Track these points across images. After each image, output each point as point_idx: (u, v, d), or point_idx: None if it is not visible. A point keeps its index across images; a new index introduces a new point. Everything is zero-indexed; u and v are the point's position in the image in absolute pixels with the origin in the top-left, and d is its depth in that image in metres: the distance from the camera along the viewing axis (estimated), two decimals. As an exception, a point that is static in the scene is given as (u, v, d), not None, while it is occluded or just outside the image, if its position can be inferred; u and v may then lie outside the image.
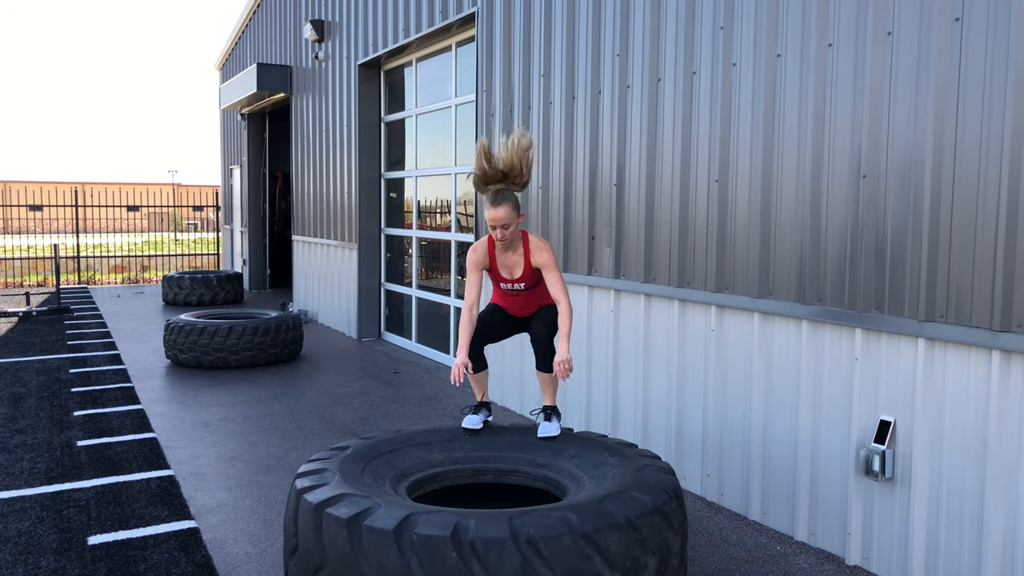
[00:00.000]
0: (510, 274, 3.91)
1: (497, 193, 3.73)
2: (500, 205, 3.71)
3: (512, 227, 3.75)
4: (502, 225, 3.73)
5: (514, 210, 3.73)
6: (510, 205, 3.71)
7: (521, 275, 3.88)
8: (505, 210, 3.70)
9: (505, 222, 3.72)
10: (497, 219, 3.72)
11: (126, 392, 7.24)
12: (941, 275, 3.40)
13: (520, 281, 3.89)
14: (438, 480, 3.55)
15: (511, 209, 3.71)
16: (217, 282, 13.63)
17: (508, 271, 3.92)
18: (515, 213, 3.73)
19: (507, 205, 3.71)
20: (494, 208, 3.71)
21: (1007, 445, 3.23)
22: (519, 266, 3.88)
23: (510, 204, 3.72)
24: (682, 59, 4.73)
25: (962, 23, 3.29)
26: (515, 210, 3.73)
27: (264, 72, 12.81)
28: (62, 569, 3.71)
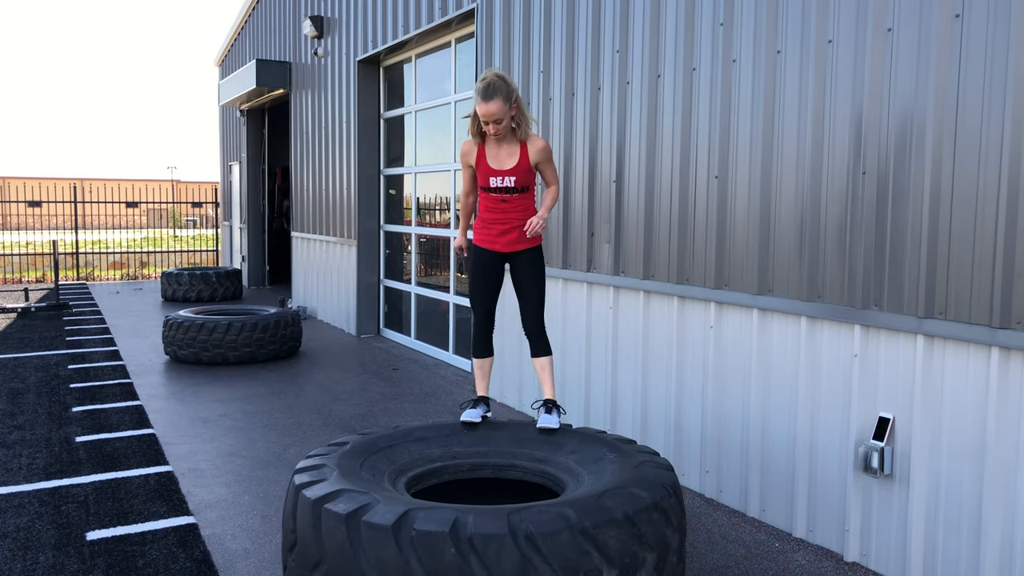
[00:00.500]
0: (500, 165, 3.77)
1: (487, 86, 3.62)
2: (491, 99, 3.60)
3: (505, 121, 3.65)
4: (494, 120, 3.63)
5: (506, 103, 3.62)
6: (501, 98, 3.60)
7: (514, 167, 3.74)
8: (496, 104, 3.60)
9: (497, 116, 3.62)
10: (489, 114, 3.62)
11: (125, 388, 7.24)
12: (940, 272, 3.40)
13: (511, 174, 3.73)
14: (437, 475, 3.55)
15: (502, 102, 3.60)
16: (216, 278, 13.62)
17: (499, 162, 3.78)
18: (507, 106, 3.62)
19: (498, 99, 3.60)
20: (485, 103, 3.61)
21: (1006, 442, 3.23)
22: (513, 156, 3.74)
23: (501, 96, 3.61)
24: (682, 55, 4.72)
25: (962, 20, 3.29)
26: (507, 102, 3.62)
27: (263, 68, 12.79)
28: (60, 564, 3.71)
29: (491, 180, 3.80)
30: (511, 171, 3.74)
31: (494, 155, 3.78)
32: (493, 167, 3.78)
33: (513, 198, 3.80)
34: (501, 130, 3.67)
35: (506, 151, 3.75)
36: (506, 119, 3.65)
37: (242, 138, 16.29)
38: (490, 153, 3.79)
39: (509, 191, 3.80)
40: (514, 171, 3.73)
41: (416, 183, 9.38)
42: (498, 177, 3.76)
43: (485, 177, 3.82)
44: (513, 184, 3.76)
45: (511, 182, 3.76)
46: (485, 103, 3.61)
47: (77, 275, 18.19)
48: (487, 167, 3.80)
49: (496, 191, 3.82)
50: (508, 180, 3.75)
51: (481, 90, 3.62)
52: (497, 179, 3.77)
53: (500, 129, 3.66)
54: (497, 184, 3.78)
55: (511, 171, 3.74)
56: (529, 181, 3.82)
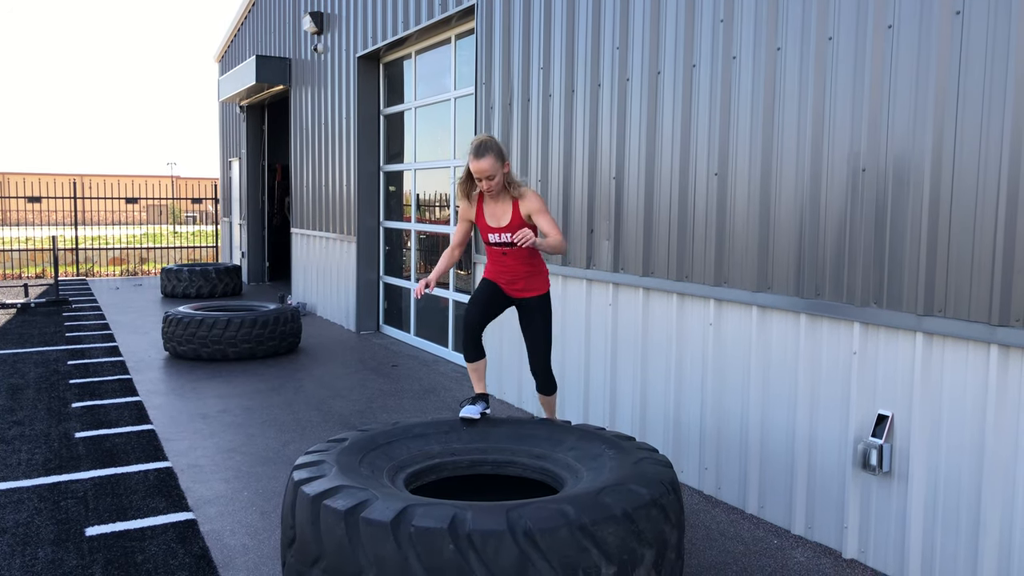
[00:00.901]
0: (497, 222, 3.91)
1: (480, 145, 3.77)
2: (483, 156, 3.75)
3: (497, 178, 3.79)
4: (487, 176, 3.77)
5: (498, 160, 3.76)
6: (492, 155, 3.75)
7: (508, 223, 3.87)
8: (488, 161, 3.74)
9: (489, 173, 3.76)
10: (481, 171, 3.76)
11: (124, 384, 7.24)
12: (940, 269, 3.40)
13: (507, 230, 3.88)
14: (436, 472, 3.55)
15: (494, 159, 3.75)
16: (216, 274, 13.62)
17: (496, 219, 3.92)
18: (499, 164, 3.77)
19: (490, 156, 3.75)
20: (477, 160, 3.75)
21: (1004, 439, 3.23)
22: (507, 214, 3.88)
23: (492, 154, 3.75)
24: (682, 52, 4.72)
25: (963, 17, 3.28)
26: (499, 160, 3.77)
27: (263, 64, 12.78)
28: (59, 560, 3.71)
29: (490, 236, 3.97)
30: (507, 228, 3.90)
31: (491, 213, 3.95)
32: (491, 224, 3.95)
33: (512, 251, 3.96)
34: (494, 186, 3.83)
35: (501, 208, 3.92)
36: (498, 175, 3.80)
37: (242, 134, 16.28)
38: (487, 211, 3.96)
39: (508, 245, 3.95)
40: (509, 227, 3.89)
41: (416, 179, 9.37)
42: (495, 233, 3.93)
43: (485, 233, 4.00)
44: (510, 239, 3.90)
45: (507, 237, 3.92)
46: (478, 160, 3.77)
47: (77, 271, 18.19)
48: (485, 224, 3.97)
49: (497, 245, 3.98)
50: (505, 236, 3.92)
51: (474, 148, 3.79)
52: (495, 235, 3.95)
53: (493, 185, 3.82)
54: (496, 240, 3.95)
55: (507, 228, 3.90)
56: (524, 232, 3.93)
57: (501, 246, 3.95)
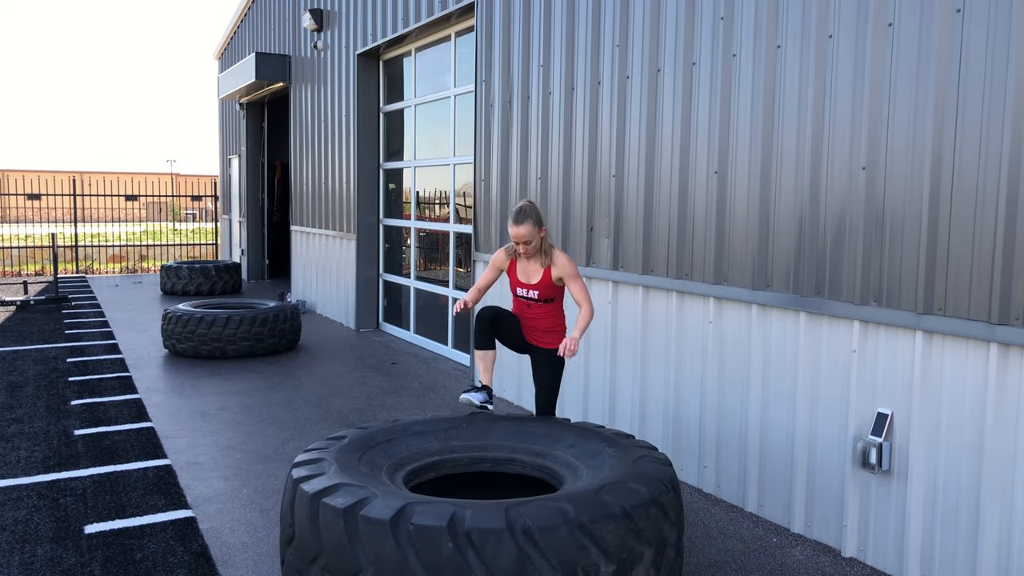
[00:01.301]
0: (527, 279, 4.15)
1: (519, 211, 4.03)
2: (522, 223, 4.01)
3: (534, 242, 4.04)
4: (524, 241, 4.03)
5: (535, 226, 4.02)
6: (531, 222, 4.01)
7: (538, 283, 4.12)
8: (527, 228, 4.00)
9: (527, 238, 4.02)
10: (519, 236, 4.02)
11: (123, 381, 7.24)
12: (939, 268, 3.39)
13: (535, 288, 4.12)
14: (435, 469, 3.55)
15: (532, 226, 4.01)
16: (215, 272, 13.61)
17: (526, 276, 4.15)
18: (536, 229, 4.03)
19: (528, 223, 4.00)
20: (516, 226, 4.02)
21: (1004, 438, 3.23)
22: (537, 274, 4.12)
23: (531, 221, 4.01)
24: (682, 50, 4.71)
25: (963, 14, 3.28)
26: (536, 226, 4.03)
27: (263, 61, 12.76)
28: (59, 558, 3.71)
29: (518, 290, 4.20)
30: (535, 286, 4.13)
31: (523, 269, 4.18)
32: (521, 280, 4.19)
33: (537, 305, 4.17)
34: (530, 250, 4.08)
35: (533, 268, 4.15)
36: (535, 240, 4.04)
37: (241, 131, 16.27)
38: (520, 266, 4.19)
39: (534, 300, 4.16)
40: (537, 287, 4.13)
41: (416, 177, 9.36)
42: (524, 289, 4.17)
43: (513, 286, 4.23)
44: (536, 296, 4.15)
45: (535, 295, 4.14)
46: (516, 226, 4.02)
47: (76, 268, 18.18)
48: (516, 279, 4.21)
49: (523, 299, 4.19)
50: (532, 293, 4.14)
51: (514, 215, 4.05)
52: (523, 291, 4.18)
53: (529, 250, 4.07)
54: (523, 294, 4.19)
55: (535, 286, 4.13)
56: (552, 294, 4.16)
57: (527, 300, 4.17)
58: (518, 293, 4.20)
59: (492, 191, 6.88)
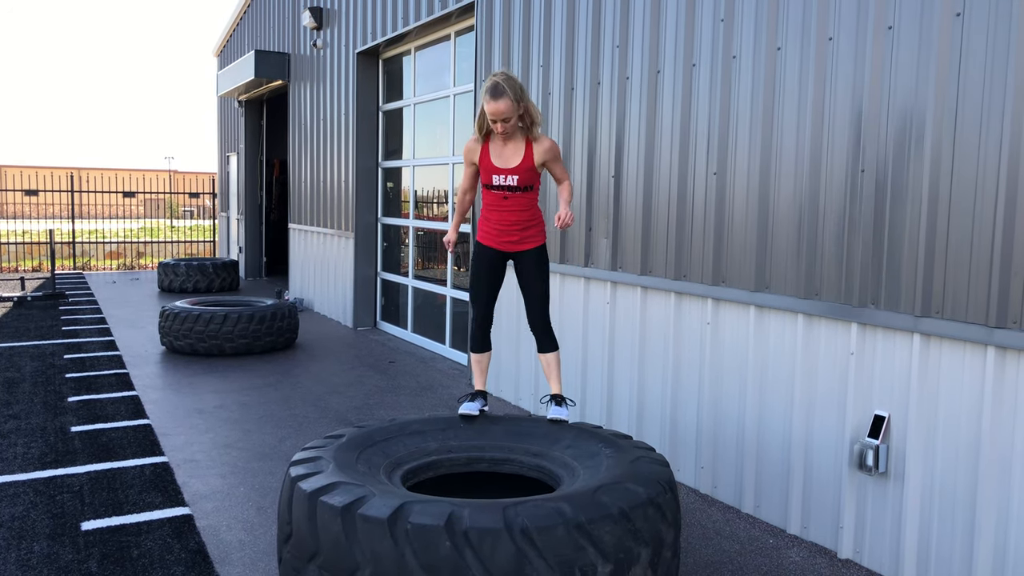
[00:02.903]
0: (504, 163, 3.75)
1: (495, 86, 3.62)
2: (500, 98, 3.60)
3: (513, 120, 3.65)
4: (502, 119, 3.63)
5: (514, 102, 3.61)
6: (509, 98, 3.60)
7: (517, 166, 3.72)
8: (505, 103, 3.59)
9: (506, 115, 3.62)
10: (497, 112, 3.62)
11: (121, 378, 7.23)
12: (938, 271, 3.40)
13: (514, 173, 3.72)
14: (433, 469, 3.55)
15: (511, 101, 3.60)
16: (213, 269, 13.60)
17: (503, 161, 3.76)
18: (515, 105, 3.62)
19: (506, 98, 3.59)
20: (493, 101, 3.61)
21: (1001, 441, 3.24)
22: (518, 155, 3.73)
23: (509, 97, 3.60)
24: (682, 51, 4.72)
25: (963, 18, 3.28)
26: (515, 101, 3.61)
27: (262, 59, 12.75)
28: (55, 554, 3.71)
29: (493, 178, 3.79)
30: (514, 170, 3.73)
31: (498, 153, 3.77)
32: (497, 165, 3.77)
33: (514, 196, 3.79)
34: (509, 128, 3.67)
35: (511, 149, 3.74)
36: (514, 118, 3.64)
37: (240, 129, 16.25)
38: (494, 151, 3.78)
39: (511, 189, 3.79)
40: (517, 170, 3.72)
41: (414, 176, 9.36)
42: (501, 175, 3.75)
43: (488, 174, 3.80)
44: (516, 183, 3.74)
45: (514, 180, 3.75)
46: (494, 101, 3.61)
47: (74, 265, 18.15)
48: (490, 164, 3.78)
49: (498, 189, 3.81)
50: (511, 179, 3.75)
51: (489, 88, 3.62)
52: (500, 177, 3.76)
53: (508, 128, 3.66)
54: (499, 182, 3.77)
55: (514, 170, 3.73)
56: (532, 180, 3.81)
57: (503, 189, 3.78)
58: (494, 182, 3.76)
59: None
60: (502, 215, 3.83)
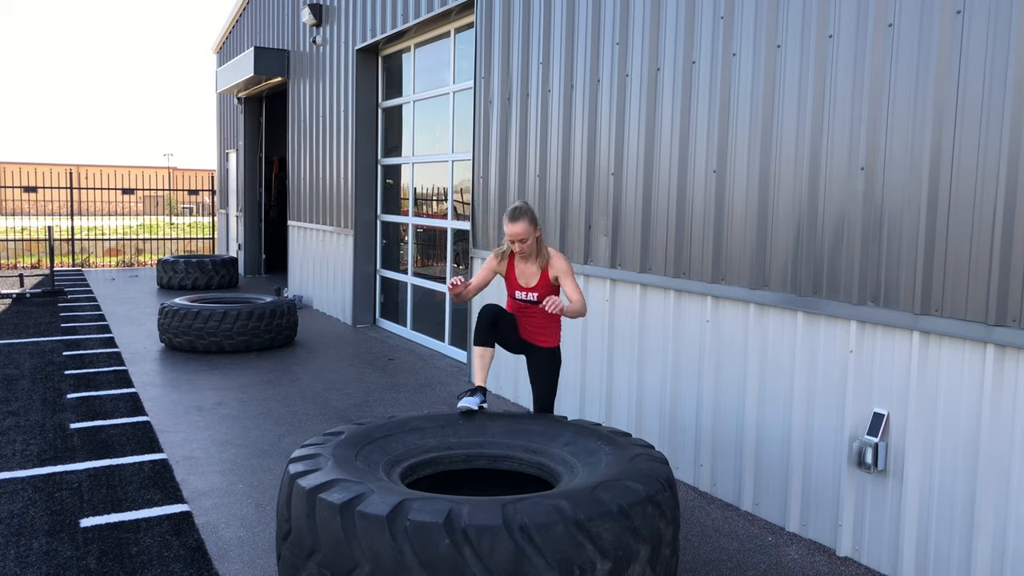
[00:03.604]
0: (526, 283, 4.18)
1: (515, 210, 4.04)
2: (518, 221, 4.02)
3: (530, 241, 4.05)
4: (520, 240, 4.03)
5: (531, 225, 4.04)
6: (527, 220, 4.02)
7: (536, 284, 4.14)
8: (522, 225, 4.01)
9: (523, 237, 4.02)
10: (515, 234, 4.03)
11: (120, 375, 7.23)
12: (937, 269, 3.40)
13: (534, 291, 4.15)
14: (432, 466, 3.55)
15: (528, 224, 4.02)
16: (212, 266, 13.59)
17: (525, 279, 4.18)
18: (532, 228, 4.04)
19: (524, 221, 4.01)
20: (512, 224, 4.02)
21: (999, 438, 3.24)
22: (535, 276, 4.15)
23: (527, 219, 4.02)
24: (682, 48, 4.71)
25: (963, 16, 3.28)
26: (532, 225, 4.04)
27: (261, 56, 12.73)
28: (54, 551, 3.71)
29: (517, 293, 4.22)
30: (534, 288, 4.17)
31: (521, 271, 4.21)
32: (520, 283, 4.21)
33: (534, 307, 4.19)
34: (526, 249, 4.09)
35: (530, 271, 4.18)
36: (531, 239, 4.06)
37: (239, 126, 16.24)
38: (518, 269, 4.22)
39: (532, 303, 4.18)
40: (536, 288, 4.16)
41: (414, 173, 9.36)
42: (523, 292, 4.20)
43: (512, 288, 4.24)
44: (535, 299, 4.17)
45: (534, 296, 4.16)
46: (513, 224, 4.02)
47: (73, 262, 18.14)
48: (515, 282, 4.23)
49: (521, 302, 4.22)
50: (531, 295, 4.17)
51: (510, 213, 4.04)
52: (522, 293, 4.21)
53: (525, 249, 4.08)
54: (522, 297, 4.20)
55: (534, 288, 4.17)
56: (549, 294, 4.16)
57: (525, 303, 4.19)
58: (516, 296, 4.24)
59: (490, 188, 6.87)
60: (524, 319, 4.23)
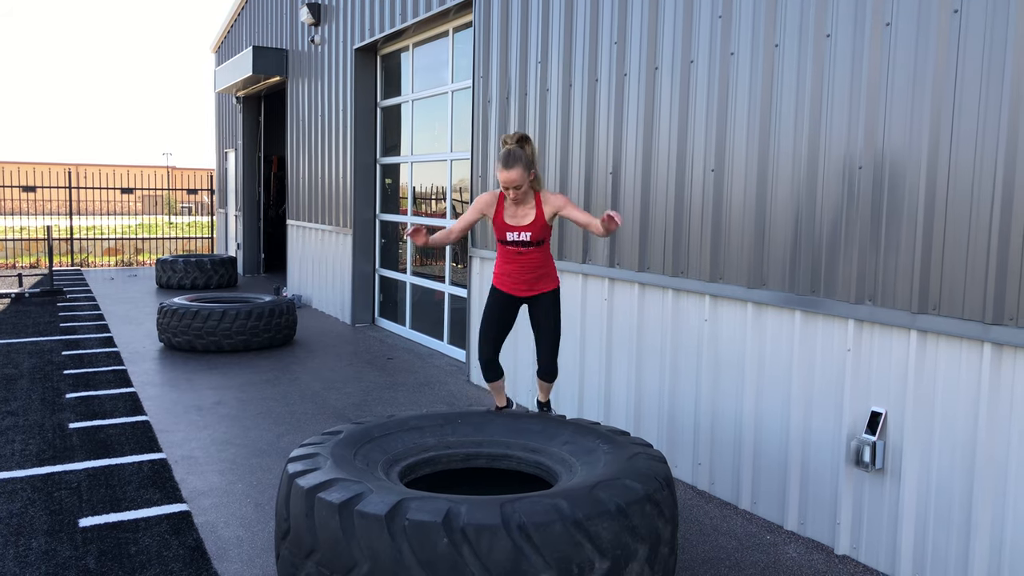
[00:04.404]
0: (518, 222, 3.93)
1: (508, 154, 3.80)
2: (512, 167, 3.79)
3: (524, 187, 3.83)
4: (515, 186, 3.81)
5: (525, 170, 3.80)
6: (521, 166, 3.79)
7: (531, 223, 3.90)
8: (517, 172, 3.79)
9: (517, 183, 3.80)
10: (509, 181, 3.81)
11: (119, 375, 7.23)
12: (935, 267, 3.41)
13: (527, 230, 3.90)
14: (430, 465, 3.56)
15: (522, 170, 3.79)
16: (211, 266, 13.59)
17: (516, 219, 3.94)
18: (526, 173, 3.81)
19: (519, 167, 3.79)
20: (506, 170, 3.79)
21: (997, 437, 3.25)
22: (529, 215, 3.91)
23: (521, 165, 3.79)
24: (680, 48, 4.71)
25: (961, 15, 3.29)
26: (526, 170, 3.81)
27: (260, 55, 12.73)
28: (53, 551, 3.71)
29: (508, 235, 3.97)
30: (527, 227, 3.93)
31: (512, 213, 3.96)
32: (510, 223, 3.96)
33: (528, 251, 3.98)
34: (520, 195, 3.87)
35: (523, 210, 3.93)
36: (525, 184, 3.83)
37: (238, 125, 16.23)
38: (508, 210, 3.96)
39: (525, 245, 3.97)
40: (530, 227, 3.92)
41: (412, 172, 9.36)
42: (515, 232, 3.95)
43: (502, 232, 3.99)
44: (529, 239, 3.94)
45: (527, 237, 3.94)
46: (506, 170, 3.80)
47: (71, 261, 18.13)
48: (504, 224, 3.96)
49: (513, 244, 3.99)
50: (524, 235, 3.94)
51: (502, 157, 3.81)
52: (514, 234, 3.96)
53: (519, 195, 3.86)
54: (514, 238, 3.97)
55: (527, 227, 3.93)
56: (544, 236, 3.99)
57: (517, 245, 3.97)
58: (508, 239, 3.98)
59: (489, 187, 6.88)
60: (516, 267, 4.02)
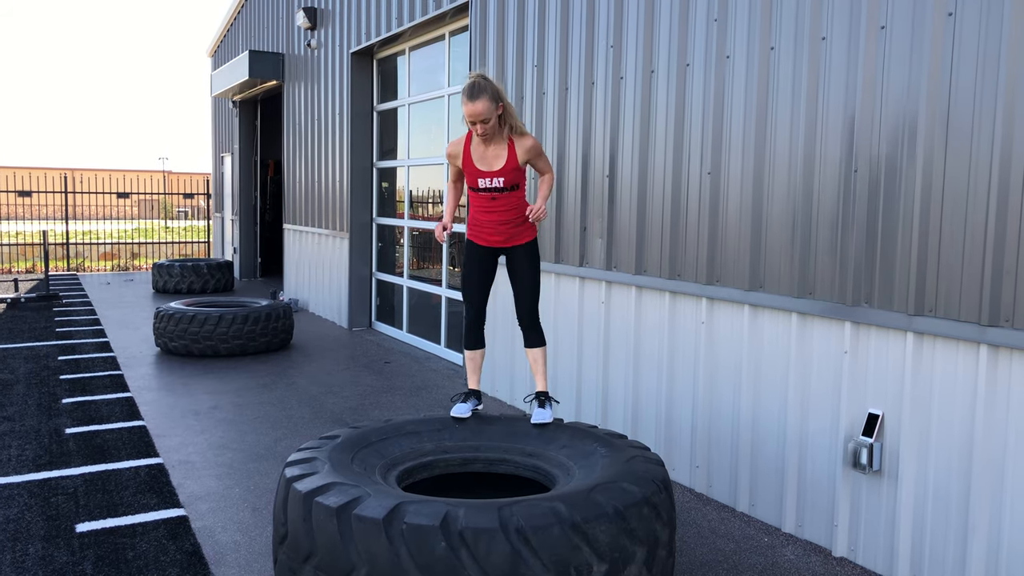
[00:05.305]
0: (488, 166, 3.73)
1: (473, 85, 3.58)
2: (477, 99, 3.57)
3: (492, 122, 3.62)
4: (481, 120, 3.60)
5: (492, 102, 3.59)
6: (487, 97, 3.57)
7: (502, 167, 3.70)
8: (483, 104, 3.56)
9: (484, 116, 3.59)
10: (475, 114, 3.59)
11: (115, 380, 7.22)
12: (931, 269, 3.42)
13: (499, 175, 3.70)
14: (428, 469, 3.56)
15: (488, 101, 3.58)
16: (207, 270, 13.58)
17: (487, 164, 3.74)
18: (493, 106, 3.59)
19: (484, 98, 3.56)
20: (471, 102, 3.58)
21: (994, 439, 3.25)
22: (501, 158, 3.70)
23: (487, 96, 3.57)
24: (675, 51, 4.72)
25: (955, 18, 3.30)
26: (493, 102, 3.59)
27: (256, 59, 12.73)
28: (50, 556, 3.70)
29: (479, 181, 3.78)
30: (499, 172, 3.72)
31: (480, 156, 3.76)
32: (480, 168, 3.75)
33: (502, 196, 3.79)
34: (488, 130, 3.65)
35: (493, 152, 3.72)
36: (492, 119, 3.62)
37: (234, 129, 16.23)
38: (476, 154, 3.76)
39: (498, 190, 3.78)
40: (502, 172, 3.71)
41: (409, 176, 9.36)
42: (486, 178, 3.74)
43: (473, 178, 3.79)
44: (502, 184, 3.74)
45: (499, 183, 3.74)
46: (471, 103, 3.59)
47: (67, 266, 18.10)
48: (474, 168, 3.77)
49: (485, 191, 3.80)
50: (496, 181, 3.74)
51: (467, 90, 3.60)
52: (485, 180, 3.75)
53: (487, 129, 3.64)
54: (485, 185, 3.76)
55: (499, 172, 3.72)
56: (518, 180, 3.79)
57: (490, 191, 3.75)
58: (480, 185, 3.74)
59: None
60: (491, 216, 3.83)
